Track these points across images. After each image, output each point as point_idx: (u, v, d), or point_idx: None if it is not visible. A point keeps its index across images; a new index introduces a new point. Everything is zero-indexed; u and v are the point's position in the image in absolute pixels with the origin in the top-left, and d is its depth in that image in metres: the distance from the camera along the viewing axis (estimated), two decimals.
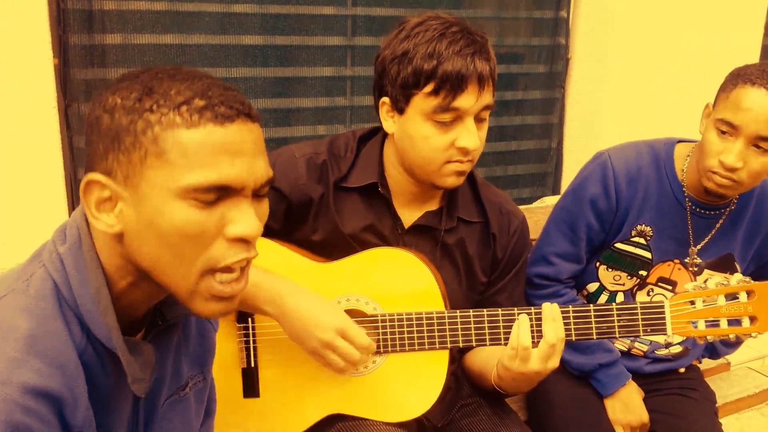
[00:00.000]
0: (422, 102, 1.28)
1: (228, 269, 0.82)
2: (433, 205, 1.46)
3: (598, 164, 1.61)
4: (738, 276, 1.32)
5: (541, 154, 2.70)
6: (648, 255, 1.62)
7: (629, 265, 1.64)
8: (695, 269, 1.63)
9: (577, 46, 2.56)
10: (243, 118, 0.81)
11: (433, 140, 1.29)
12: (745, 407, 2.03)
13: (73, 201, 1.90)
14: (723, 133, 1.43)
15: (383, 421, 1.36)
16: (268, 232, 1.41)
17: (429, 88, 1.26)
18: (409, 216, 1.44)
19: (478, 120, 1.31)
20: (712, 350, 1.82)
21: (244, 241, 0.81)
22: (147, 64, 1.92)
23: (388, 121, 1.36)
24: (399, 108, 1.32)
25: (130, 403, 0.93)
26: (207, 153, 0.78)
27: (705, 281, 1.34)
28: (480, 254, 1.48)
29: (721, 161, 1.43)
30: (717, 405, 1.83)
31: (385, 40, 1.34)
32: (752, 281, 1.30)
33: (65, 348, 0.80)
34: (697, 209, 1.59)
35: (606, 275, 1.68)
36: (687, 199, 1.59)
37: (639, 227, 1.61)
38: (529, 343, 1.24)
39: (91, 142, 0.81)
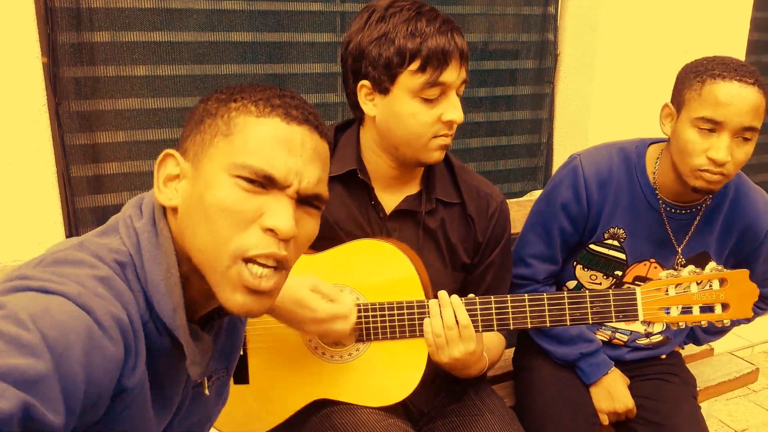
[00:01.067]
0: (408, 80, 1.32)
1: (257, 261, 0.82)
2: (413, 189, 1.49)
3: (570, 169, 1.63)
4: (711, 264, 1.34)
5: (531, 148, 2.72)
6: (622, 256, 1.65)
7: (604, 265, 1.67)
8: (680, 269, 1.64)
9: (565, 42, 2.57)
10: (310, 127, 0.87)
11: (421, 116, 1.34)
12: (727, 391, 2.07)
13: (66, 199, 1.92)
14: (706, 130, 1.44)
15: (367, 406, 1.39)
16: None
17: (415, 65, 1.30)
18: (389, 201, 1.47)
19: (457, 94, 1.37)
20: (695, 338, 1.85)
21: (277, 236, 0.83)
22: (136, 62, 1.95)
23: (368, 105, 1.38)
24: (383, 89, 1.35)
25: (182, 386, 0.95)
26: (266, 142, 0.83)
27: (678, 269, 1.36)
28: (461, 236, 1.51)
29: (710, 158, 1.43)
30: (699, 389, 1.87)
31: (354, 26, 1.38)
32: (725, 269, 1.32)
33: (131, 304, 0.81)
34: (671, 210, 1.61)
35: (583, 274, 1.71)
36: (660, 202, 1.61)
37: (612, 230, 1.63)
38: (441, 331, 1.32)
39: (185, 128, 0.89)
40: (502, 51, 2.56)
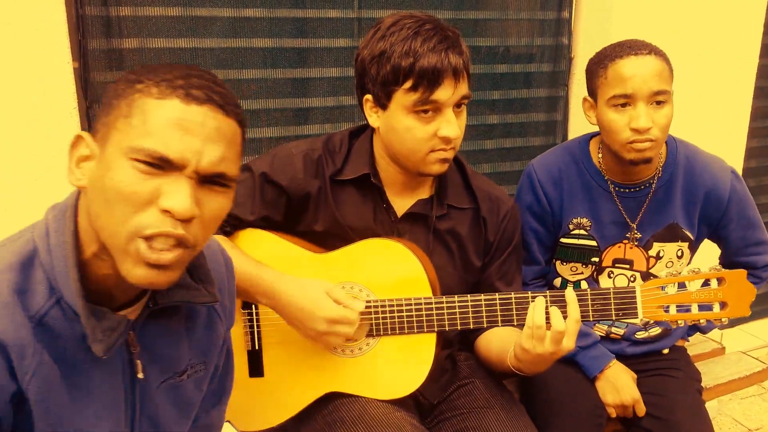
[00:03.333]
0: (403, 97, 1.36)
1: (152, 239, 0.83)
2: (425, 194, 1.54)
3: (526, 176, 1.77)
4: (710, 265, 1.38)
5: (545, 150, 2.75)
6: (593, 243, 1.74)
7: (579, 255, 1.76)
8: (636, 243, 1.73)
9: (579, 45, 2.61)
10: (213, 106, 0.86)
11: (416, 132, 1.38)
12: (737, 389, 2.10)
13: None
14: (621, 106, 1.54)
15: (378, 399, 1.45)
16: (272, 223, 1.52)
17: (408, 84, 1.35)
18: (401, 204, 1.53)
19: (457, 109, 1.40)
20: (697, 327, 1.89)
21: (174, 217, 0.83)
22: None
23: (373, 117, 1.45)
24: (381, 104, 1.41)
25: (120, 379, 0.97)
26: (162, 124, 0.83)
27: (670, 266, 1.40)
28: (473, 239, 1.56)
29: (633, 128, 1.53)
30: (709, 386, 1.90)
31: (363, 41, 1.43)
32: (723, 269, 1.36)
33: (9, 300, 0.84)
34: (622, 190, 1.70)
35: (563, 269, 1.80)
36: (610, 184, 1.70)
37: (575, 220, 1.74)
38: (542, 323, 1.29)
39: (99, 111, 0.90)
40: (516, 55, 2.60)
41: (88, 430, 0.93)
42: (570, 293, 1.33)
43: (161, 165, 0.83)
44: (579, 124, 2.69)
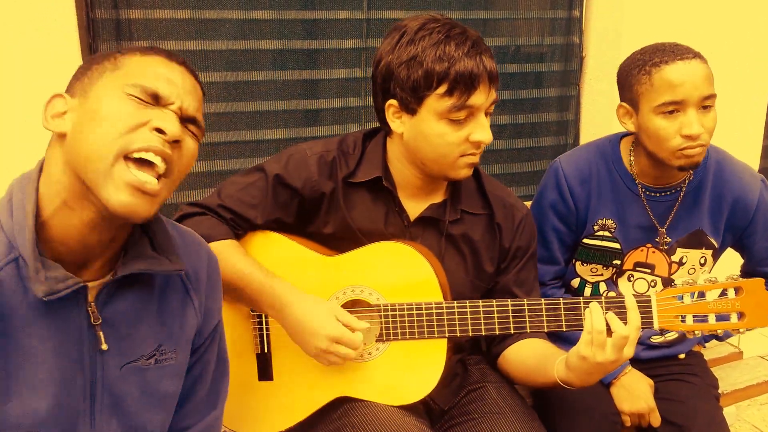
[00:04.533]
0: (436, 103, 1.35)
1: (138, 158, 0.92)
2: (437, 198, 1.53)
3: (552, 172, 1.73)
4: (727, 274, 1.35)
5: (557, 150, 2.73)
6: (617, 245, 1.71)
7: (600, 257, 1.73)
8: (666, 248, 1.70)
9: (590, 44, 2.58)
10: (187, 69, 1.02)
11: (448, 137, 1.37)
12: (755, 394, 2.07)
13: None
14: (669, 113, 1.50)
15: (388, 404, 1.43)
16: (282, 226, 1.51)
17: (442, 89, 1.33)
18: (414, 208, 1.52)
19: (486, 114, 1.40)
20: (714, 335, 1.86)
21: (164, 136, 0.94)
22: None
23: (396, 122, 1.42)
24: (410, 109, 1.38)
25: (74, 349, 0.98)
26: (152, 70, 0.97)
27: (692, 272, 1.38)
28: (486, 244, 1.54)
29: (686, 135, 1.49)
30: (726, 392, 1.87)
31: (385, 45, 1.40)
32: (740, 278, 1.34)
33: None
34: (652, 194, 1.67)
35: (583, 270, 1.77)
36: (640, 187, 1.67)
37: (600, 221, 1.70)
38: (603, 328, 1.25)
39: (72, 80, 1.00)
40: (527, 54, 2.58)
41: (20, 392, 0.94)
42: (630, 300, 1.30)
43: (152, 101, 0.95)
44: (591, 123, 2.67)
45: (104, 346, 1.00)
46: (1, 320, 0.92)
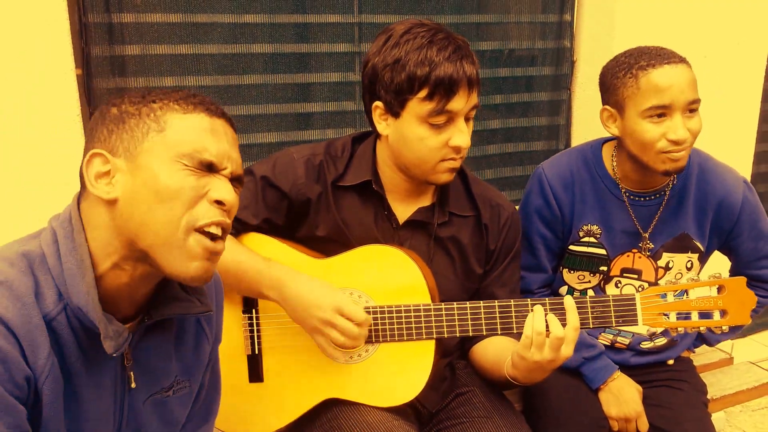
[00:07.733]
0: (417, 106, 1.36)
1: (206, 231, 0.95)
2: (426, 201, 1.54)
3: (535, 178, 1.72)
4: (709, 273, 1.37)
5: (548, 155, 2.71)
6: (602, 251, 1.71)
7: (587, 264, 1.73)
8: (648, 254, 1.70)
9: (582, 48, 2.60)
10: (225, 119, 1.02)
11: (428, 141, 1.38)
12: (745, 400, 2.07)
13: None
14: (657, 117, 1.50)
15: (376, 406, 1.44)
16: (274, 227, 1.52)
17: (423, 93, 1.35)
18: (403, 211, 1.53)
19: (466, 119, 1.40)
20: (704, 339, 1.87)
21: (223, 207, 0.96)
22: (164, 73, 2.05)
23: (382, 124, 1.44)
24: (394, 112, 1.40)
25: (111, 391, 1.00)
26: (198, 132, 0.96)
27: (679, 277, 1.40)
28: (474, 246, 1.56)
29: (672, 140, 1.50)
30: (716, 397, 1.88)
31: (373, 48, 1.42)
32: (722, 277, 1.35)
33: (29, 301, 0.89)
34: (636, 198, 1.67)
35: (570, 277, 1.77)
36: (623, 192, 1.67)
37: (585, 227, 1.70)
38: (542, 329, 1.28)
39: (95, 128, 0.97)
40: (518, 58, 2.59)
41: None
42: (569, 300, 1.32)
43: (205, 168, 0.96)
44: (582, 127, 2.68)
45: (133, 385, 1.03)
46: (63, 370, 0.93)
